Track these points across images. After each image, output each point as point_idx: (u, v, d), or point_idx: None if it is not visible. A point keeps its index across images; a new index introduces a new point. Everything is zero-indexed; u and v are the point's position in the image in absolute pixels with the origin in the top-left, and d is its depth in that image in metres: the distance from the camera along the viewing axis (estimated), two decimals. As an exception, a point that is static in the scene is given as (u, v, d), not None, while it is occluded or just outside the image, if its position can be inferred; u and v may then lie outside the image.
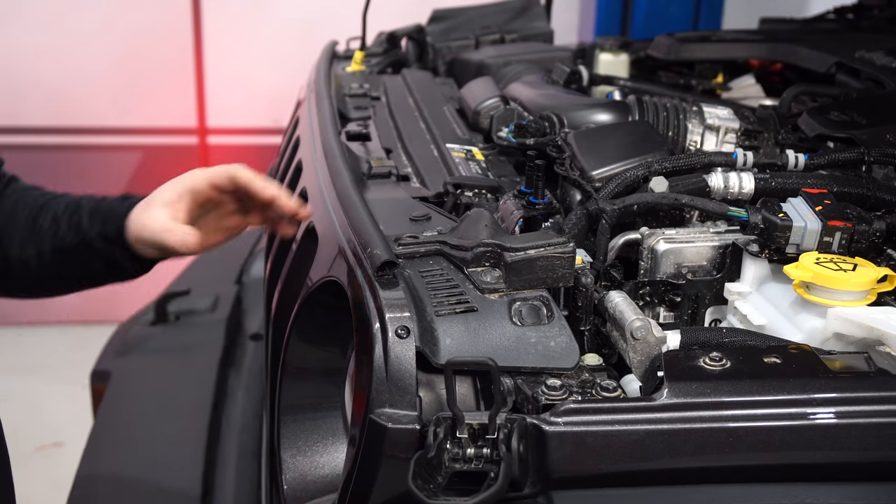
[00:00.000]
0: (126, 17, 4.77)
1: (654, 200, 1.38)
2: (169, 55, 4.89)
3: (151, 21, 4.80)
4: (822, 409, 1.06)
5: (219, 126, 5.11)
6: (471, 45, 2.64)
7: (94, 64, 4.74)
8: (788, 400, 1.07)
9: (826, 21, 2.93)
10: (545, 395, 1.12)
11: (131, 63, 4.84)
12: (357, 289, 1.25)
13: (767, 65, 2.49)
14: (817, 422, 1.06)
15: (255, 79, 4.94)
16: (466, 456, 1.07)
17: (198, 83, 5.02)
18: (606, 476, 1.09)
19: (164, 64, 4.91)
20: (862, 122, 1.64)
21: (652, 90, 2.17)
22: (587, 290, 1.24)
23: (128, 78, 4.86)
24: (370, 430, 1.11)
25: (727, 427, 1.06)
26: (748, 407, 1.06)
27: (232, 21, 4.88)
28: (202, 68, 4.98)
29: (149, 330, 2.54)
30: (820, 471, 1.08)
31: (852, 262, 1.25)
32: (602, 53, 2.42)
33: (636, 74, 2.45)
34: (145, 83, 4.92)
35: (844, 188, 1.45)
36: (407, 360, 1.14)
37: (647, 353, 1.18)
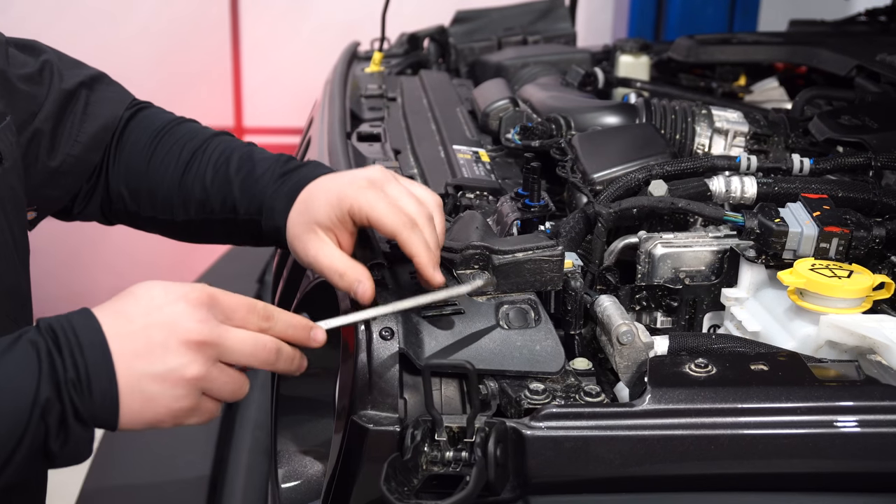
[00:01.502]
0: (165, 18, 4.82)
1: (649, 204, 1.37)
2: (207, 56, 4.94)
3: (190, 22, 4.85)
4: (806, 417, 1.05)
5: (255, 126, 5.15)
6: (493, 46, 2.63)
7: (134, 64, 4.79)
8: (771, 408, 1.05)
9: (857, 23, 2.88)
10: (527, 399, 1.12)
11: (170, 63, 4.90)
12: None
13: (792, 68, 2.46)
14: (800, 431, 1.04)
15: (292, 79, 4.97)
16: (445, 459, 1.06)
17: (235, 83, 5.07)
18: (587, 482, 1.08)
19: (202, 64, 4.96)
20: (873, 127, 1.62)
21: (669, 92, 2.15)
22: (576, 294, 1.23)
23: (166, 77, 4.92)
24: (351, 431, 1.12)
25: (707, 434, 1.05)
26: (730, 414, 1.05)
27: (270, 22, 4.92)
28: (239, 69, 5.03)
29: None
30: (803, 480, 1.06)
31: (848, 269, 1.23)
32: (622, 56, 2.40)
33: (657, 77, 2.43)
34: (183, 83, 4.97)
35: (850, 193, 1.42)
36: (390, 362, 1.14)
37: (634, 359, 1.17)
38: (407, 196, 1.20)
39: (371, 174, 1.22)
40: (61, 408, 0.97)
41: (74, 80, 1.39)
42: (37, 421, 0.96)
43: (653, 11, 4.32)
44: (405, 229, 1.16)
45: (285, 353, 1.11)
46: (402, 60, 2.57)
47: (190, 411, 1.05)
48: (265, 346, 1.08)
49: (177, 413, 1.04)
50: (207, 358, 1.04)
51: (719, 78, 2.32)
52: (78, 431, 0.99)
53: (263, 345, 1.08)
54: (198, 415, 1.06)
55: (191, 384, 1.03)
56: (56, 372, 0.97)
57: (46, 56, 1.39)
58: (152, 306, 1.04)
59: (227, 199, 1.34)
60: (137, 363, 1.01)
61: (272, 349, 1.09)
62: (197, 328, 1.03)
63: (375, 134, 1.89)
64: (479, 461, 1.00)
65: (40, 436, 0.97)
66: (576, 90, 2.01)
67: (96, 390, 0.98)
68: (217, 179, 1.35)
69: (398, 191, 1.20)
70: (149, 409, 1.02)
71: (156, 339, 1.02)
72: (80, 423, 0.98)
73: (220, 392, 1.06)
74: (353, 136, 1.91)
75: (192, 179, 1.37)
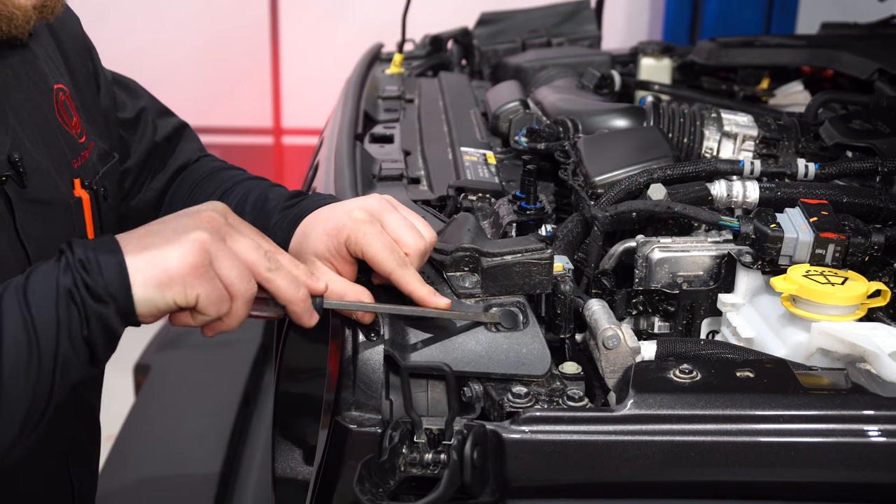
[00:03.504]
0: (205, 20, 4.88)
1: (646, 208, 1.36)
2: (246, 57, 4.99)
3: (230, 24, 4.90)
4: (788, 426, 1.03)
5: (293, 126, 5.19)
6: (517, 48, 2.63)
7: (175, 64, 4.86)
8: (753, 416, 1.04)
9: (890, 26, 2.83)
10: (510, 403, 1.11)
11: (210, 64, 4.96)
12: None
13: (818, 71, 2.42)
14: (781, 439, 1.03)
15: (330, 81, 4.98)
16: (424, 461, 1.07)
17: (274, 84, 5.11)
18: (566, 487, 1.07)
19: (242, 65, 5.01)
20: (885, 131, 1.59)
21: (687, 95, 2.14)
22: (565, 298, 1.22)
23: (206, 78, 4.97)
24: (334, 431, 1.12)
25: (688, 441, 1.04)
26: (711, 421, 1.04)
27: (308, 24, 4.96)
28: (279, 70, 5.07)
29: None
30: (785, 489, 1.05)
31: (843, 276, 1.21)
32: (644, 58, 2.39)
33: (680, 80, 2.41)
34: (223, 84, 5.02)
35: (855, 199, 1.40)
36: (375, 363, 1.14)
37: (620, 364, 1.16)
38: (404, 228, 1.19)
39: (370, 205, 1.21)
40: (77, 291, 1.00)
41: (163, 134, 1.48)
42: (65, 308, 1.00)
43: (688, 14, 4.28)
44: (399, 268, 1.16)
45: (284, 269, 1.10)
46: (423, 62, 2.57)
47: (201, 274, 1.03)
48: (268, 253, 1.09)
49: (186, 275, 1.02)
50: (217, 232, 1.05)
51: (741, 81, 2.29)
52: (97, 310, 1.00)
53: (266, 252, 1.09)
54: (209, 286, 1.04)
55: (199, 244, 1.03)
56: (69, 262, 1.01)
57: (143, 103, 1.47)
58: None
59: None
60: (146, 235, 1.05)
61: (272, 258, 1.09)
62: (210, 212, 1.08)
63: (388, 135, 1.90)
64: (451, 464, 1.00)
65: (75, 322, 1.00)
66: (590, 93, 2.00)
67: (104, 263, 1.01)
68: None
69: (396, 223, 1.19)
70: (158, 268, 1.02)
71: (168, 220, 1.08)
72: (99, 302, 1.00)
73: (227, 272, 1.04)
74: (366, 137, 1.92)
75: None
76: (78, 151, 1.25)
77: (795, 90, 2.39)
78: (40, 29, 1.29)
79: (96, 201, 1.25)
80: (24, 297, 1.00)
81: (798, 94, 2.39)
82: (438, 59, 2.61)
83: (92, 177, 1.26)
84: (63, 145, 1.23)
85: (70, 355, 1.00)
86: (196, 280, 1.02)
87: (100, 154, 1.32)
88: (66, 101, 1.26)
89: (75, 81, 1.33)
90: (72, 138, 1.25)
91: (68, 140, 1.24)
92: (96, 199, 1.25)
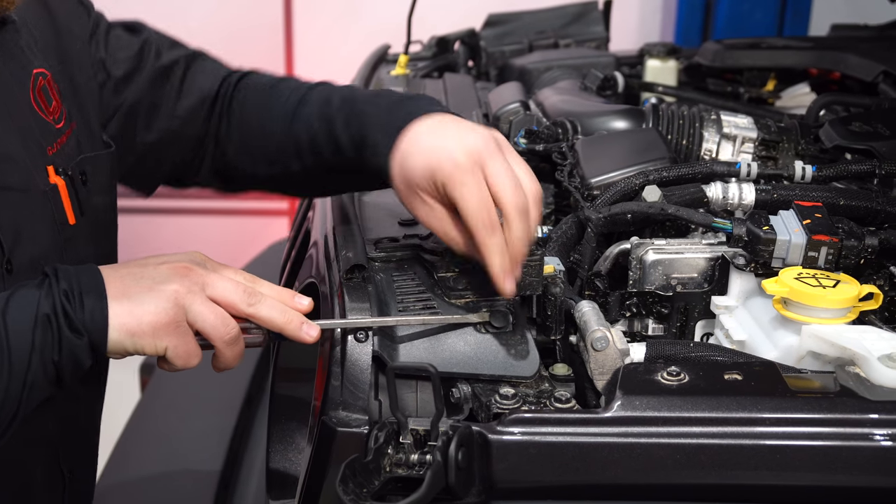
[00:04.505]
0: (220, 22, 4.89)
1: (639, 210, 1.36)
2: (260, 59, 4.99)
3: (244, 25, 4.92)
4: (774, 429, 1.03)
5: (308, 128, 5.20)
6: (524, 49, 2.62)
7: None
8: (739, 418, 1.04)
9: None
10: (497, 404, 1.11)
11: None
12: (326, 292, 1.26)
13: (825, 73, 2.41)
14: (767, 442, 1.03)
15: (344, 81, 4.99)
16: (410, 462, 1.07)
17: (288, 86, 5.12)
18: (552, 489, 1.07)
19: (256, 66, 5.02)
20: (885, 134, 1.58)
21: (691, 97, 2.13)
22: (556, 300, 1.22)
23: (220, 80, 5.00)
24: (321, 432, 1.12)
25: (672, 443, 1.03)
26: (697, 424, 1.04)
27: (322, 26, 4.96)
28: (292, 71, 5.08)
29: (198, 325, 2.59)
30: (770, 493, 1.05)
31: (835, 279, 1.21)
32: (650, 60, 2.38)
33: (686, 81, 2.40)
34: (237, 85, 5.04)
35: (852, 202, 1.39)
36: (363, 364, 1.15)
37: (609, 366, 1.15)
38: (505, 179, 1.14)
39: (475, 145, 1.15)
40: (56, 318, 1.05)
41: (170, 58, 1.44)
42: (41, 332, 1.04)
43: (700, 16, 4.26)
44: (484, 231, 1.13)
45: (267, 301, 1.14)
46: (429, 63, 2.57)
47: (171, 330, 1.07)
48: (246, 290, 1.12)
49: (157, 328, 1.07)
50: (192, 283, 1.10)
51: (747, 83, 2.28)
52: (72, 340, 1.05)
53: (245, 288, 1.13)
54: (178, 341, 1.08)
55: (173, 298, 1.08)
56: (52, 289, 1.06)
57: (146, 35, 1.44)
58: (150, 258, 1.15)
59: (331, 138, 1.32)
60: (127, 278, 1.09)
61: (252, 292, 1.12)
62: (187, 262, 1.12)
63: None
64: (434, 464, 1.00)
65: (48, 347, 1.04)
66: (593, 94, 2.00)
67: (87, 299, 1.06)
68: (321, 120, 1.34)
69: (498, 172, 1.14)
70: (133, 317, 1.06)
71: (149, 264, 1.12)
72: (74, 333, 1.05)
73: (202, 320, 1.09)
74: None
75: (299, 126, 1.36)
76: (53, 138, 1.24)
77: (802, 92, 2.38)
78: (31, 5, 1.28)
79: (73, 188, 1.25)
80: (2, 319, 1.04)
81: (805, 96, 2.38)
82: (444, 60, 2.61)
83: (67, 163, 1.25)
84: (37, 133, 1.22)
85: (39, 378, 1.05)
86: (166, 334, 1.08)
87: (82, 137, 1.30)
88: (45, 85, 1.25)
89: (65, 59, 1.31)
90: (47, 125, 1.24)
91: (43, 127, 1.23)
92: (73, 186, 1.25)
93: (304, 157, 1.36)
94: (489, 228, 1.13)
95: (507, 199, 1.13)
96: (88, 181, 1.29)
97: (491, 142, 1.16)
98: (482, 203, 1.13)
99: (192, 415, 2.15)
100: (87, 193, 1.28)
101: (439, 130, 1.19)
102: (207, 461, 1.95)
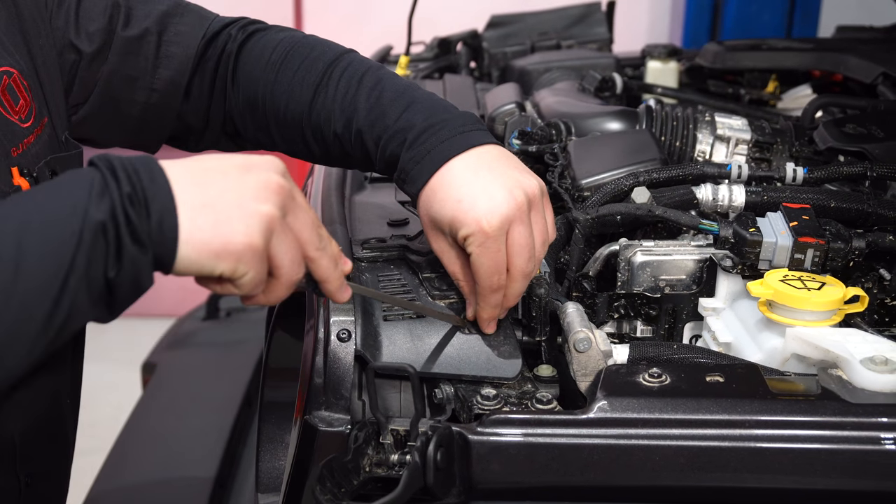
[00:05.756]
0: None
1: (627, 211, 1.36)
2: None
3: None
4: (753, 431, 1.03)
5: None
6: (526, 51, 2.62)
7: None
8: (717, 420, 1.03)
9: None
10: (478, 405, 1.11)
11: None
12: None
13: (827, 75, 2.40)
14: (746, 444, 1.02)
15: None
16: (390, 462, 1.07)
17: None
18: (532, 489, 1.07)
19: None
20: (879, 136, 1.57)
21: (691, 99, 2.13)
22: (540, 301, 1.22)
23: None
24: (303, 431, 1.13)
25: (651, 445, 1.03)
26: (676, 426, 1.03)
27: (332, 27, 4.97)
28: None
29: (199, 325, 2.61)
30: (749, 495, 1.04)
31: (820, 281, 1.20)
32: (651, 61, 2.38)
33: (687, 83, 2.40)
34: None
35: (843, 204, 1.38)
36: (345, 363, 1.15)
37: (592, 367, 1.15)
38: (523, 250, 1.14)
39: (507, 208, 1.13)
40: (115, 226, 0.89)
41: (141, 27, 1.33)
42: (89, 243, 0.88)
43: (708, 17, 4.25)
44: (489, 291, 1.15)
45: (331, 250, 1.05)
46: (430, 64, 2.57)
47: (257, 256, 0.95)
48: (319, 230, 1.03)
49: (245, 252, 0.94)
50: (282, 207, 0.98)
51: (747, 84, 2.28)
52: (133, 253, 0.90)
53: (318, 228, 1.03)
54: (259, 268, 0.96)
55: (267, 222, 0.95)
56: (109, 189, 0.90)
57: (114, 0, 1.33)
58: (227, 157, 1.00)
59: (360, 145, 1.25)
60: (208, 185, 0.95)
61: (322, 235, 1.04)
62: (276, 176, 0.99)
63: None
64: (410, 464, 1.00)
65: (97, 259, 0.89)
66: (590, 95, 1.99)
67: (153, 204, 0.91)
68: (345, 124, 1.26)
69: (518, 239, 1.14)
70: (219, 236, 0.93)
71: (231, 170, 0.97)
72: (137, 245, 0.90)
73: (282, 255, 0.98)
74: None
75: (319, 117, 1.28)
76: (19, 138, 1.19)
77: (803, 94, 2.37)
78: None
79: None
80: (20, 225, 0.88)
81: (806, 97, 2.37)
82: (446, 61, 2.61)
83: (34, 163, 1.19)
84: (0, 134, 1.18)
85: (82, 299, 0.89)
86: (251, 259, 0.95)
87: (55, 135, 1.25)
88: (11, 84, 1.20)
89: (32, 53, 1.25)
90: (12, 125, 1.19)
91: (7, 127, 1.18)
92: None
93: (328, 146, 1.30)
94: (494, 290, 1.15)
95: (517, 268, 1.15)
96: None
97: (523, 206, 1.14)
98: (496, 269, 1.14)
99: (192, 414, 2.16)
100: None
101: (473, 179, 1.15)
102: (206, 460, 1.96)
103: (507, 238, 1.14)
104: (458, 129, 1.20)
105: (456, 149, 1.18)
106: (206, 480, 1.90)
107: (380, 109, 1.24)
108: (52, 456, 1.33)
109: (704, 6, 4.23)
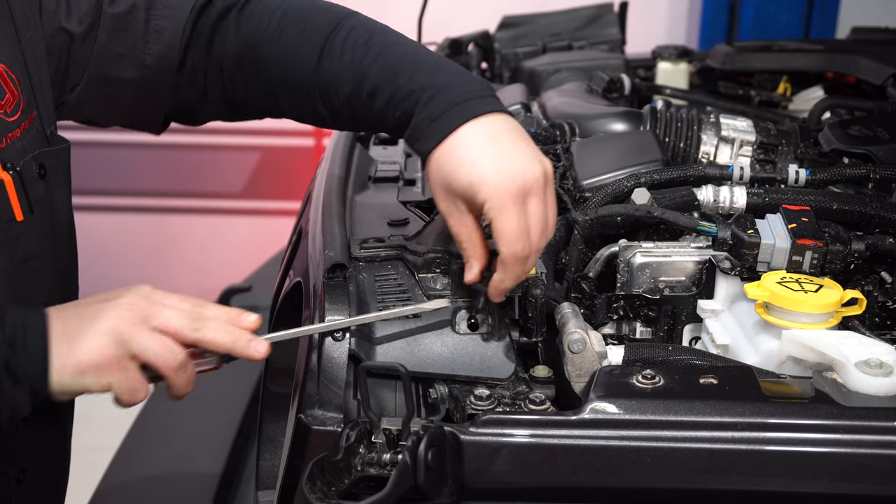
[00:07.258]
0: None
1: (625, 212, 1.35)
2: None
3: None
4: (745, 433, 1.02)
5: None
6: (538, 51, 2.62)
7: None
8: (709, 422, 1.03)
9: (923, 31, 2.78)
10: (471, 405, 1.11)
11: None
12: (309, 290, 1.27)
13: (840, 76, 2.38)
14: (738, 446, 1.02)
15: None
16: (382, 461, 1.07)
17: (316, 86, 5.14)
18: (524, 490, 1.07)
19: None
20: (884, 138, 1.56)
21: (700, 100, 2.12)
22: (536, 301, 1.21)
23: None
24: (297, 429, 1.13)
25: (642, 446, 1.03)
26: (666, 427, 1.03)
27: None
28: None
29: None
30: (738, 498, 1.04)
31: (818, 283, 1.20)
32: (661, 62, 2.37)
33: (697, 84, 2.39)
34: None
35: (845, 206, 1.37)
36: (339, 363, 1.15)
37: (587, 368, 1.15)
38: (539, 223, 1.13)
39: (526, 175, 1.12)
40: None
41: (128, 2, 1.32)
42: None
43: (725, 18, 4.22)
44: (514, 261, 1.12)
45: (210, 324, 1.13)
46: (441, 65, 2.56)
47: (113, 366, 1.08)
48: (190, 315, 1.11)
49: (99, 366, 1.07)
50: (134, 316, 1.10)
51: (758, 86, 2.26)
52: (10, 390, 1.05)
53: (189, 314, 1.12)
54: (121, 376, 1.08)
55: (113, 334, 1.08)
56: None
57: None
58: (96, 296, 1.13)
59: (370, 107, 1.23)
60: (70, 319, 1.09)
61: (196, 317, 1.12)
62: (130, 297, 1.12)
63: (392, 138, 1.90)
64: (400, 464, 1.00)
65: None
66: (598, 96, 1.99)
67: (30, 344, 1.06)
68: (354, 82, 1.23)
69: (537, 213, 1.13)
70: (73, 357, 1.07)
71: (92, 303, 1.12)
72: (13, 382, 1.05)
73: (147, 352, 1.08)
74: (371, 139, 1.94)
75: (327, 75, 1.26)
76: (3, 132, 1.20)
77: (815, 96, 2.35)
78: None
79: (21, 183, 1.20)
80: None
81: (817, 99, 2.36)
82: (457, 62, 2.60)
83: (19, 157, 1.21)
84: None
85: None
86: (109, 370, 1.08)
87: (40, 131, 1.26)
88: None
89: (22, 46, 1.25)
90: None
91: None
92: (21, 181, 1.20)
93: (337, 108, 1.27)
94: (521, 260, 1.12)
95: (533, 241, 1.13)
96: (48, 175, 1.25)
97: (540, 178, 1.14)
98: (522, 234, 1.11)
99: (198, 414, 2.17)
100: (44, 188, 1.24)
101: (491, 144, 1.14)
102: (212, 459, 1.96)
103: (527, 209, 1.12)
104: (477, 93, 1.17)
105: (473, 111, 1.15)
106: (212, 479, 1.91)
107: (392, 69, 1.21)
108: (46, 451, 1.35)
109: (721, 7, 4.20)
